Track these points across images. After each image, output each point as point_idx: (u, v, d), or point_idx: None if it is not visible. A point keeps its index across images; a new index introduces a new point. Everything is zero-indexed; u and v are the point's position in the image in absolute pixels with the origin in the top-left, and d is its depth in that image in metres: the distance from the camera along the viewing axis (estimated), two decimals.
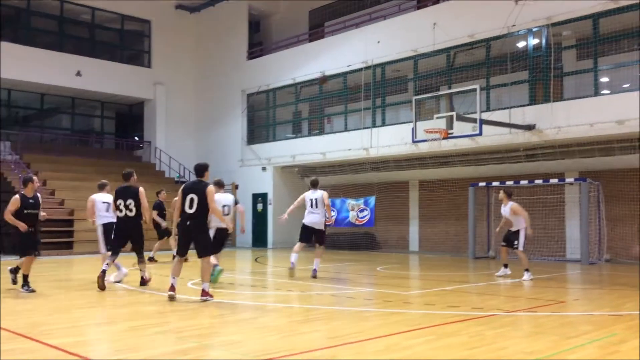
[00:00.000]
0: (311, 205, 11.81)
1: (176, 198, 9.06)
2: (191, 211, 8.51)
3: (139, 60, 27.29)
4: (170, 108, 26.94)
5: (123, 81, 25.68)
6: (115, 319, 7.03)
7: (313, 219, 11.81)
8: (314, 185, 12.07)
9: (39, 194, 9.84)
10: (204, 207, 8.48)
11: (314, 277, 11.67)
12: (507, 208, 12.00)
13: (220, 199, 10.52)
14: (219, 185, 10.93)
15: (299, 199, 12.16)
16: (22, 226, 9.34)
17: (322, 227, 11.93)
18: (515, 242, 11.92)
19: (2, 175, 21.05)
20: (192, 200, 8.52)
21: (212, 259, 9.43)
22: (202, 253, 8.58)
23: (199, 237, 8.61)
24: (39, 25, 25.27)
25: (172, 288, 8.55)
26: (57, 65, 23.87)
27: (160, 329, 6.64)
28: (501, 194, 12.37)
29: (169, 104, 26.93)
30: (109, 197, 11.02)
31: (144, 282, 10.46)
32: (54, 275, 13.37)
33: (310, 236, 12.00)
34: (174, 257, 12.79)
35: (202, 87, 27.33)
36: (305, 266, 12.79)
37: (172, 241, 16.26)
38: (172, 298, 8.46)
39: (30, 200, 9.51)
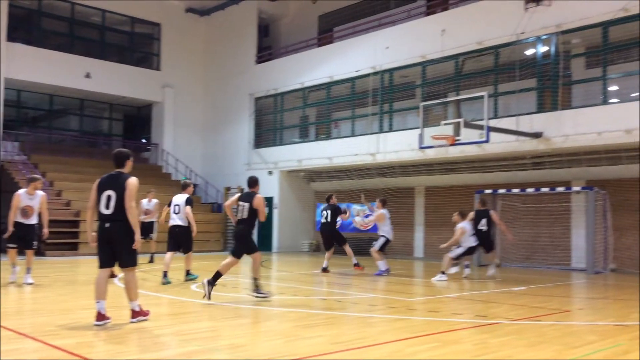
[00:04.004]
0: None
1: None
2: (108, 212, 6.90)
3: (148, 63, 27.40)
4: (179, 111, 27.03)
5: (132, 83, 25.79)
6: (119, 320, 7.04)
7: None
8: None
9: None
10: (124, 205, 6.88)
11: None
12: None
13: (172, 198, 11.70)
14: None
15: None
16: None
17: None
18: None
19: (10, 176, 21.17)
20: (109, 197, 6.94)
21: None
22: (126, 263, 6.99)
23: (121, 243, 6.91)
24: (50, 27, 25.42)
25: (100, 316, 6.73)
26: (67, 66, 23.99)
27: (164, 332, 6.64)
28: (454, 216, 13.33)
29: (177, 106, 27.02)
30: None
31: None
32: (59, 275, 13.42)
33: None
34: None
35: (211, 90, 27.42)
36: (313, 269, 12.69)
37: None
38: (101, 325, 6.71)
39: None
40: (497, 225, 13.81)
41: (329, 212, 14.22)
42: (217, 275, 8.95)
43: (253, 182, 9.70)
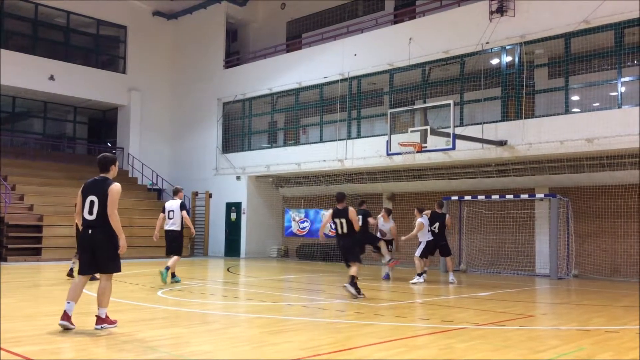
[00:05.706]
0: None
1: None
2: (91, 217, 6.81)
3: (114, 66, 27.03)
4: (145, 115, 26.71)
5: (97, 86, 25.39)
6: (84, 327, 6.92)
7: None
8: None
9: None
10: (107, 211, 6.80)
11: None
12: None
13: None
14: None
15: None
16: None
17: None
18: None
19: None
20: (92, 203, 6.82)
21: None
22: (105, 269, 6.94)
23: (103, 250, 6.85)
24: (12, 28, 24.89)
25: (66, 316, 6.76)
26: (30, 68, 23.50)
27: (130, 338, 6.55)
28: (415, 211, 14.28)
29: (144, 110, 26.70)
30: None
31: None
32: (21, 281, 13.11)
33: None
34: (69, 273, 12.49)
35: (178, 94, 27.18)
36: (277, 276, 12.70)
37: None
38: (65, 328, 6.76)
39: None
40: (447, 229, 14.50)
41: (360, 216, 13.77)
42: (353, 278, 10.46)
43: (343, 197, 10.76)
